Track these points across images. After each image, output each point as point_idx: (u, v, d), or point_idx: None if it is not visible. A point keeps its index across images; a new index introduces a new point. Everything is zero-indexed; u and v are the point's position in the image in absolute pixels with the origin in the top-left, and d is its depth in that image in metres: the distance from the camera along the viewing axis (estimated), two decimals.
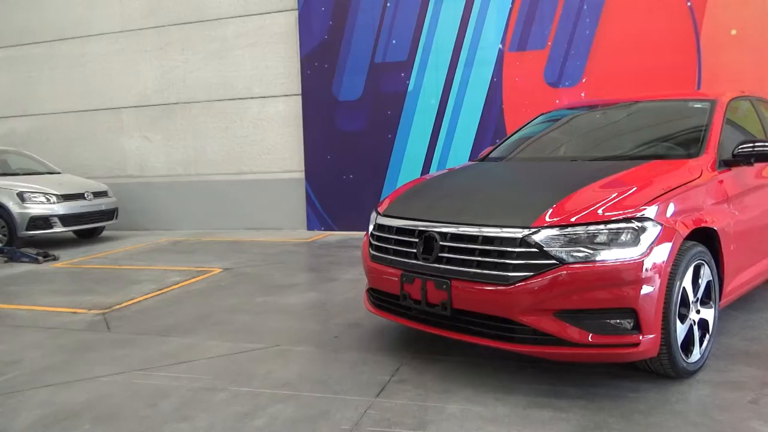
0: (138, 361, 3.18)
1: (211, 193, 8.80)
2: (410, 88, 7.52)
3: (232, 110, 8.63)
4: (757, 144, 3.14)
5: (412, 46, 7.48)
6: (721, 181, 3.04)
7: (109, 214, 8.05)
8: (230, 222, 8.67)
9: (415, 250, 2.84)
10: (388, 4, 7.51)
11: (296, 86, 8.16)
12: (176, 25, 8.79)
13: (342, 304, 4.16)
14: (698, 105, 3.59)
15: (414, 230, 2.89)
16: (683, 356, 2.59)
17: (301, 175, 8.20)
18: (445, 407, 2.48)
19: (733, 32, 6.40)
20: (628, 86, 6.59)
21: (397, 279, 2.88)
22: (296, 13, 8.02)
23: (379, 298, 3.14)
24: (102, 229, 8.24)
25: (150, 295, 4.65)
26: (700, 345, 2.72)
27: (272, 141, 8.44)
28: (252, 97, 8.50)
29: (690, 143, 3.26)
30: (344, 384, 2.76)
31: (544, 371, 2.78)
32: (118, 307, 4.34)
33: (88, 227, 7.84)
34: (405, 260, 2.89)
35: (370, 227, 3.29)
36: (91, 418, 2.51)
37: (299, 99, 8.13)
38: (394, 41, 7.57)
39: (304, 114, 8.09)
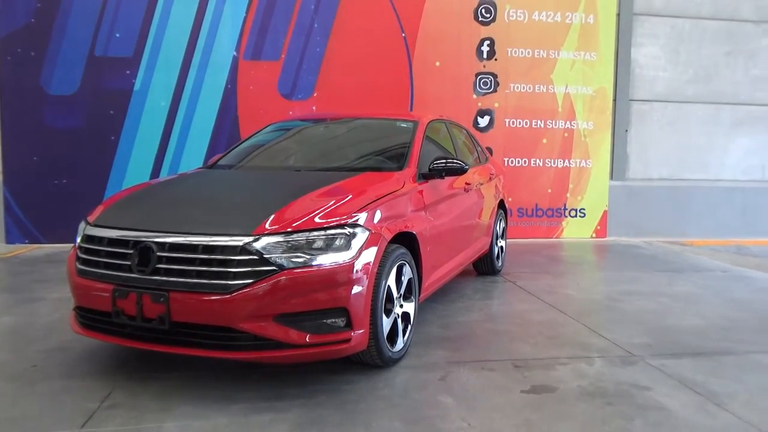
0: None
1: None
2: (137, 87, 6.95)
3: None
4: (448, 160, 3.69)
5: (138, 42, 6.93)
6: (420, 192, 3.51)
7: None
8: None
9: (129, 262, 2.64)
10: None
11: None
12: None
13: (46, 328, 3.63)
14: (404, 124, 4.09)
15: (128, 241, 2.69)
16: (389, 346, 2.91)
17: None
18: (161, 426, 2.35)
19: (437, 64, 7.47)
20: (354, 103, 7.16)
21: (108, 295, 2.64)
22: None
23: (88, 317, 2.83)
24: None
25: None
26: (403, 335, 3.09)
27: None
28: None
29: (397, 158, 3.70)
30: (41, 419, 2.41)
31: (267, 376, 2.84)
32: None
33: None
34: (118, 273, 2.67)
35: (78, 239, 2.95)
36: None
37: None
38: (117, 34, 6.92)
39: (1, 107, 6.84)
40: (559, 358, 3.18)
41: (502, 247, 5.48)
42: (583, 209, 7.84)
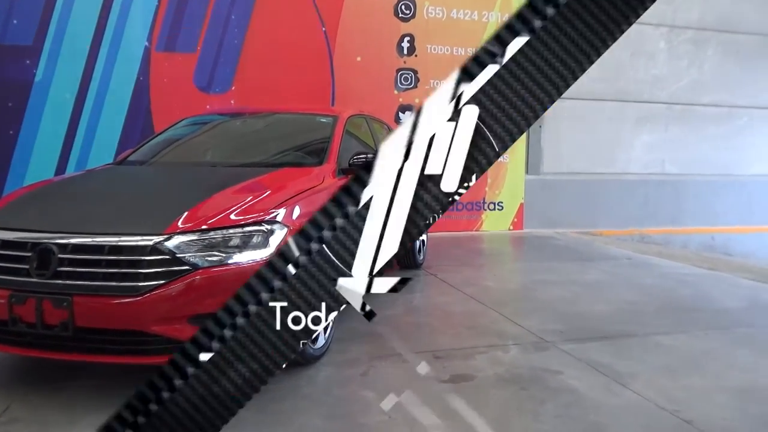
0: None
1: None
2: (38, 77, 6.49)
3: None
4: (368, 156, 3.70)
5: (39, 30, 6.46)
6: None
7: None
8: None
9: (27, 266, 2.46)
10: None
11: None
12: None
13: None
14: (324, 120, 4.06)
15: (26, 243, 2.51)
16: (310, 344, 2.88)
17: None
18: None
19: (359, 59, 7.46)
20: (274, 97, 7.03)
21: (4, 301, 2.45)
22: None
23: None
24: None
25: None
26: (325, 332, 3.07)
27: None
28: None
29: (317, 153, 3.66)
30: None
31: None
32: None
33: None
34: (14, 278, 2.48)
35: None
36: None
37: None
38: (15, 21, 6.42)
39: None
40: (478, 347, 3.27)
41: (423, 240, 5.56)
42: (501, 203, 8.11)
